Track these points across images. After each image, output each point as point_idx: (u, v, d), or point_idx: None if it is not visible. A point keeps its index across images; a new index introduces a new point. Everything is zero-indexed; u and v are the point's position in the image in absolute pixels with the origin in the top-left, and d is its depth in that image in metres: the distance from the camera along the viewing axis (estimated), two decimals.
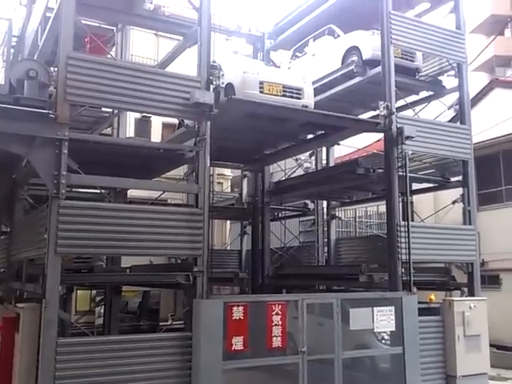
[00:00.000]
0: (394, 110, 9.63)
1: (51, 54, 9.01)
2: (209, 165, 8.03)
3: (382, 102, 9.55)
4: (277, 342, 7.71)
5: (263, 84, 9.11)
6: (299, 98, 9.41)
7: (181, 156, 8.97)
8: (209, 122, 8.05)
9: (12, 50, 12.77)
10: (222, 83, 8.22)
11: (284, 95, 9.26)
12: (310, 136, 11.17)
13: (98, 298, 14.78)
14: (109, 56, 10.92)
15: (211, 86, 8.15)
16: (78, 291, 13.77)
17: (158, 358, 7.18)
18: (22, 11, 12.62)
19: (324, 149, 14.33)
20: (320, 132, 10.66)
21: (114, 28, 11.69)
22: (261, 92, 9.03)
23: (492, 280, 14.81)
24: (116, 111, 10.79)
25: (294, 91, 9.41)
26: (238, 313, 7.49)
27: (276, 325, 7.73)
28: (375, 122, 9.62)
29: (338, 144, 14.25)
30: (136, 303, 16.70)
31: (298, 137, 10.86)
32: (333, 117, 9.34)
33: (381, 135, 10.29)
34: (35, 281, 8.22)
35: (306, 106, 9.42)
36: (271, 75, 9.53)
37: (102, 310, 12.42)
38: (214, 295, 8.48)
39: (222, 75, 8.20)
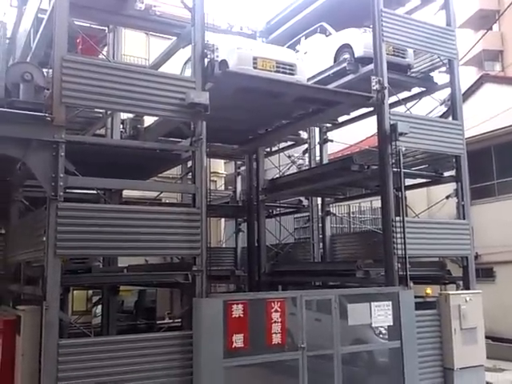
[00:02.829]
0: (387, 85, 9.63)
1: (44, 55, 8.98)
2: (205, 164, 8.06)
3: (375, 77, 9.55)
4: (276, 338, 7.77)
5: (257, 60, 9.08)
6: (292, 74, 9.40)
7: (177, 156, 9.00)
8: (204, 122, 8.08)
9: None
10: (217, 56, 8.19)
11: (277, 71, 9.25)
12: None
13: (94, 298, 14.77)
14: (101, 57, 10.91)
15: (206, 60, 8.11)
16: (75, 291, 13.77)
17: (160, 356, 7.22)
18: (13, 12, 12.56)
19: (318, 146, 14.40)
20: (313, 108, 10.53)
21: (106, 28, 11.66)
22: (254, 68, 9.00)
23: (486, 273, 14.98)
24: (110, 112, 10.79)
25: (287, 67, 9.41)
26: (237, 311, 7.53)
27: (275, 322, 7.78)
28: (367, 95, 9.54)
29: (332, 141, 14.38)
30: (132, 302, 16.69)
31: (292, 114, 10.79)
32: (325, 90, 9.42)
33: (374, 130, 10.34)
34: (34, 283, 8.22)
35: None
36: (265, 51, 9.53)
37: (99, 310, 12.43)
38: (213, 293, 8.53)
39: (217, 49, 8.17)
